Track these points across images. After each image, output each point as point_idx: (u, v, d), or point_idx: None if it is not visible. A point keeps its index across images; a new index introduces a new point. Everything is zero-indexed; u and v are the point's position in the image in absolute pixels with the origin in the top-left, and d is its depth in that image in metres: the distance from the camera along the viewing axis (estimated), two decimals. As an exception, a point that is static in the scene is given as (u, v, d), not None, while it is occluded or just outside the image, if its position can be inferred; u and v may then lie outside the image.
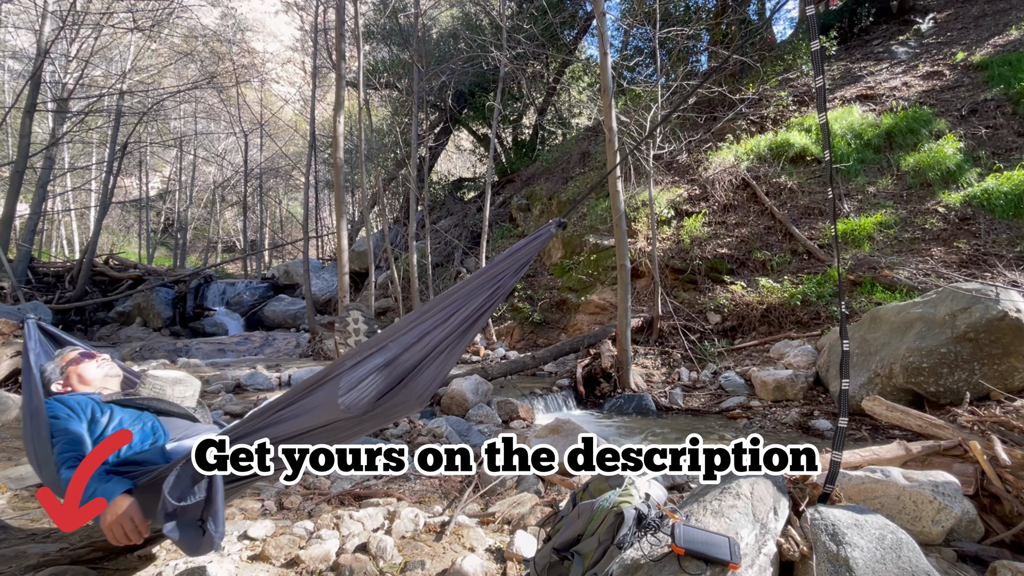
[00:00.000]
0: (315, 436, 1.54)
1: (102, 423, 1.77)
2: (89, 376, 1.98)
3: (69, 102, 10.56)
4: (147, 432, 1.82)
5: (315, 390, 1.49)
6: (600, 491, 1.67)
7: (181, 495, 1.41)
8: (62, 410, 1.74)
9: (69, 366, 1.98)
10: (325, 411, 1.46)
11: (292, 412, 1.50)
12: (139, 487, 1.52)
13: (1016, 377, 3.64)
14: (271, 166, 20.77)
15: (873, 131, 8.14)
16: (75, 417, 1.74)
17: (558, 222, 1.71)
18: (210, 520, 1.42)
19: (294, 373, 6.76)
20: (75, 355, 2.02)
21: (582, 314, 8.11)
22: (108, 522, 1.42)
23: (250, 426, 1.51)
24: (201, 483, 1.42)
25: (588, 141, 12.58)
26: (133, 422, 1.83)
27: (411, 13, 10.47)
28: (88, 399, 1.84)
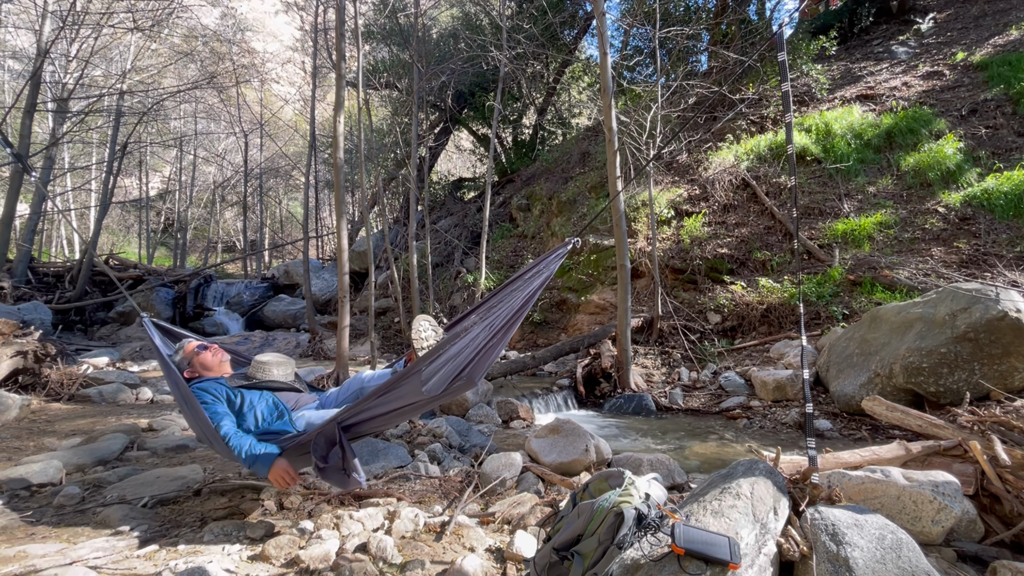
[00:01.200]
0: (400, 413, 2.13)
1: (236, 403, 2.33)
2: (209, 363, 2.52)
3: (69, 102, 10.54)
4: (271, 407, 2.39)
5: (404, 382, 2.00)
6: (600, 491, 1.67)
7: (323, 456, 2.03)
8: (208, 396, 2.28)
9: (193, 356, 2.51)
10: (411, 395, 2.00)
11: (388, 398, 2.03)
12: (285, 451, 2.13)
13: (1016, 377, 3.64)
14: (271, 166, 20.74)
15: (873, 131, 8.14)
16: (218, 400, 2.28)
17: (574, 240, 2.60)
18: (352, 470, 2.01)
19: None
20: (194, 347, 2.55)
21: (582, 314, 8.11)
22: (275, 474, 2.05)
23: (360, 408, 2.07)
24: (335, 449, 2.02)
25: (588, 141, 12.58)
26: (258, 400, 2.38)
27: (411, 13, 10.46)
28: (220, 385, 2.37)
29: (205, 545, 2.13)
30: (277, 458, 2.07)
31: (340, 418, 2.06)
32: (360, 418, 2.09)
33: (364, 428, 2.19)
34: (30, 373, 4.94)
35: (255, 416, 2.32)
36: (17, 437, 3.75)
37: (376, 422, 2.16)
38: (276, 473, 2.04)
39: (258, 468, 2.06)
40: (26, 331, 4.98)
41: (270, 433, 2.27)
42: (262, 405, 2.37)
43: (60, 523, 2.38)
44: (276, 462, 2.06)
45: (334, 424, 2.04)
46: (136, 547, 2.11)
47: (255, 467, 2.06)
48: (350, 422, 2.09)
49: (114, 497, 2.67)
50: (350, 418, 2.08)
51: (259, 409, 2.35)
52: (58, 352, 5.47)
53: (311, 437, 2.07)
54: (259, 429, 2.28)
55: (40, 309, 8.20)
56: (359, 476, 2.02)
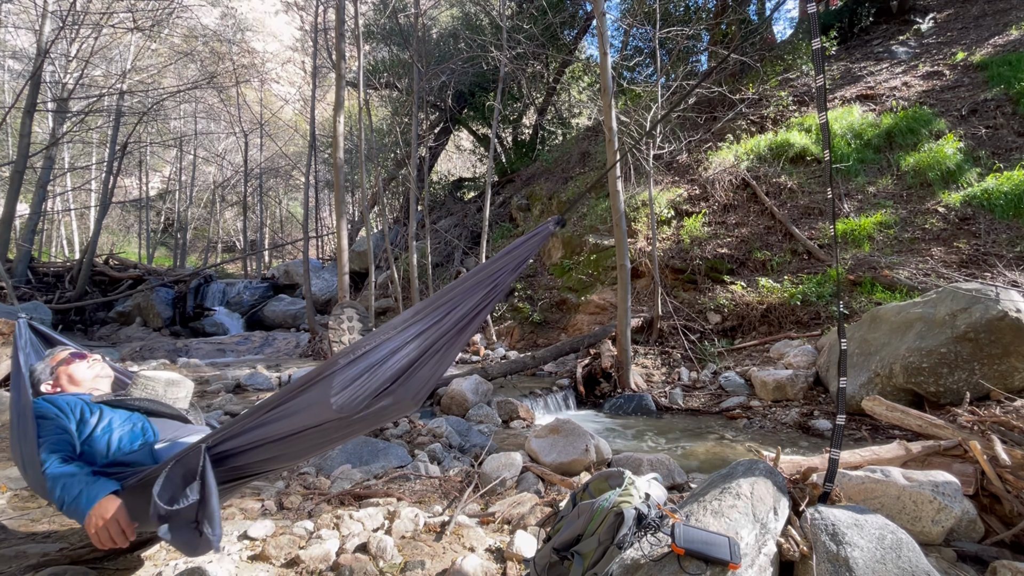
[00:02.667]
0: (306, 437, 1.48)
1: (91, 423, 1.75)
2: (79, 376, 1.96)
3: (69, 102, 10.55)
4: (136, 433, 1.80)
5: (307, 389, 1.44)
6: (600, 491, 1.67)
7: (172, 498, 1.37)
8: (51, 410, 1.72)
9: (59, 366, 1.96)
10: (317, 411, 1.42)
11: (283, 412, 1.45)
12: (127, 488, 1.51)
13: (1016, 377, 3.63)
14: (271, 166, 20.75)
15: (873, 131, 8.14)
16: (63, 417, 1.72)
17: (557, 220, 1.68)
18: (205, 522, 1.37)
19: (294, 373, 6.76)
20: (66, 355, 2.00)
21: (582, 314, 8.11)
22: (93, 524, 1.40)
23: (241, 426, 1.47)
24: (193, 485, 1.38)
25: (588, 141, 12.58)
26: (123, 423, 1.81)
27: (411, 13, 10.47)
28: (77, 399, 1.82)
29: (205, 545, 2.12)
30: (106, 498, 1.44)
31: (213, 440, 1.44)
32: (243, 442, 1.46)
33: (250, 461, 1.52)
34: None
35: (108, 441, 1.72)
36: (17, 437, 3.74)
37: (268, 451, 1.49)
38: (96, 519, 1.40)
39: (73, 509, 1.44)
40: (26, 331, 4.97)
41: (119, 464, 1.67)
42: (125, 429, 1.78)
43: (60, 523, 2.38)
44: (103, 502, 1.43)
45: (201, 449, 1.41)
46: (136, 547, 2.11)
47: (71, 508, 1.45)
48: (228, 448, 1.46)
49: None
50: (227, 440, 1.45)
51: (118, 433, 1.75)
52: (58, 352, 5.46)
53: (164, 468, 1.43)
54: (108, 459, 1.68)
55: (40, 309, 8.21)
56: (212, 534, 1.38)
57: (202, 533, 1.38)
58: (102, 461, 1.68)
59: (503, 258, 1.63)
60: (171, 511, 1.36)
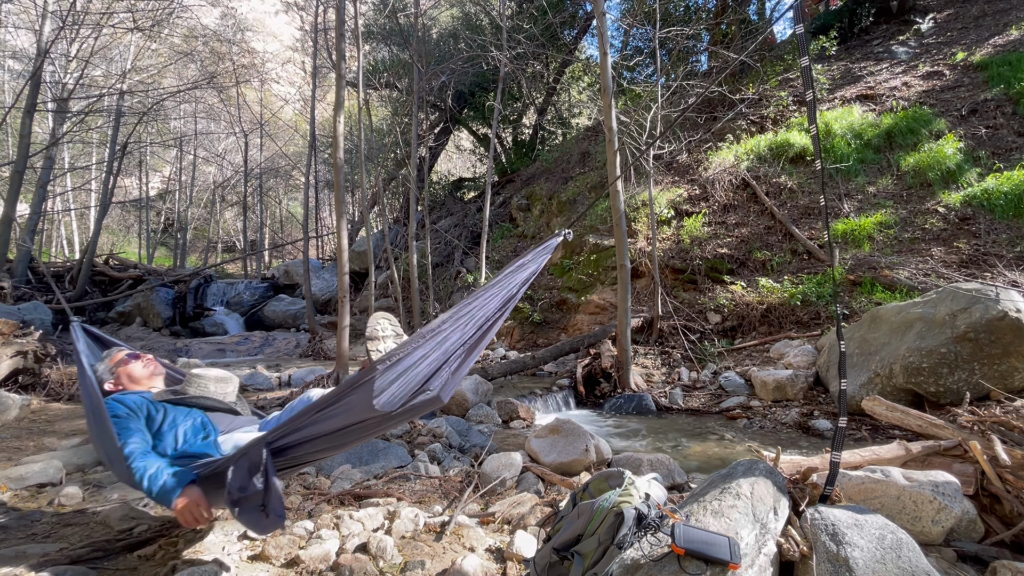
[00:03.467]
0: (350, 432, 1.72)
1: (157, 420, 1.99)
2: (137, 375, 2.20)
3: (69, 102, 10.54)
4: (198, 427, 2.05)
5: (351, 393, 1.63)
6: (600, 491, 1.67)
7: (241, 486, 1.62)
8: (121, 409, 1.95)
9: (119, 367, 2.19)
10: (360, 411, 1.62)
11: (331, 412, 1.65)
12: (201, 478, 1.75)
13: (1016, 377, 3.64)
14: (271, 166, 20.74)
15: (873, 131, 8.14)
16: (134, 416, 1.95)
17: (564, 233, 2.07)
18: (271, 505, 1.62)
19: (294, 373, 6.77)
20: (123, 356, 2.23)
21: (582, 314, 8.11)
22: (181, 508, 1.66)
23: (295, 425, 1.67)
24: (258, 476, 1.62)
25: (588, 141, 12.58)
26: (185, 419, 2.04)
27: (411, 13, 10.47)
28: (142, 399, 2.05)
29: (205, 545, 2.13)
30: (188, 486, 1.70)
31: (271, 437, 1.67)
32: (297, 438, 1.69)
33: (303, 452, 1.76)
34: (30, 373, 4.95)
35: (175, 436, 1.97)
36: (17, 437, 3.75)
37: (318, 444, 1.73)
38: (184, 505, 1.66)
39: (162, 498, 1.69)
40: (26, 331, 4.98)
41: (188, 456, 1.91)
42: (187, 424, 2.02)
43: (60, 523, 2.38)
44: (186, 490, 1.69)
45: (262, 444, 1.65)
46: (136, 547, 2.11)
47: (159, 496, 1.69)
48: (284, 443, 1.69)
49: (114, 497, 2.67)
50: (284, 438, 1.68)
51: (182, 428, 1.99)
52: (58, 352, 5.48)
53: (232, 460, 1.68)
54: (177, 451, 1.92)
55: (40, 309, 8.19)
56: (278, 515, 1.63)
57: (268, 514, 1.63)
58: (172, 454, 1.91)
59: (516, 271, 1.92)
60: (241, 496, 1.61)
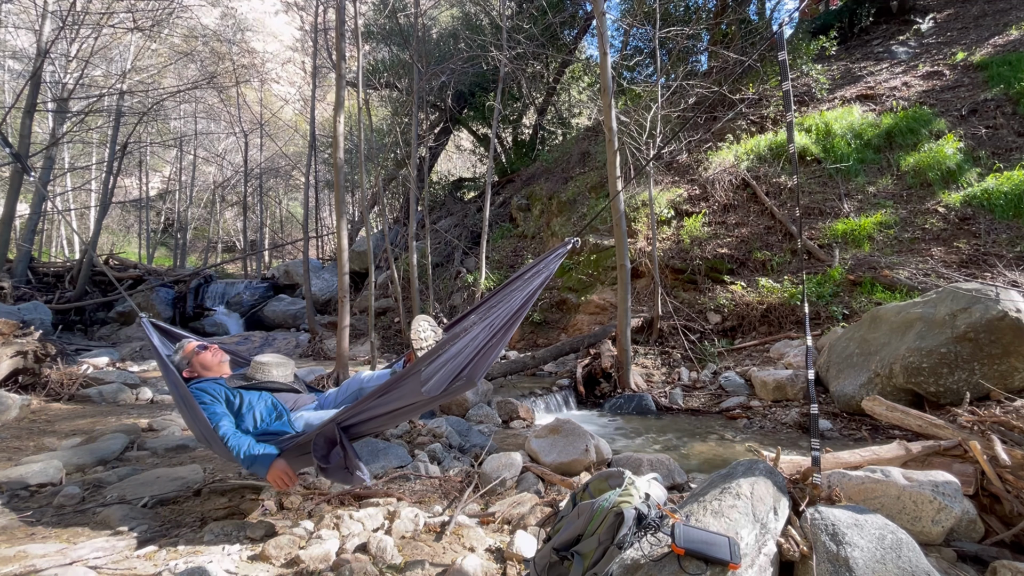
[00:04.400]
0: (400, 413, 2.13)
1: (235, 404, 2.32)
2: (209, 363, 2.51)
3: (69, 102, 10.54)
4: (270, 407, 2.38)
5: (403, 383, 2.01)
6: (600, 491, 1.67)
7: (324, 456, 2.05)
8: (206, 396, 2.28)
9: (192, 356, 2.51)
10: (410, 396, 2.01)
11: (387, 399, 2.04)
12: (283, 451, 2.13)
13: (1016, 377, 3.64)
14: (271, 166, 20.73)
15: (873, 131, 8.14)
16: (216, 401, 2.27)
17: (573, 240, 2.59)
18: (355, 468, 2.02)
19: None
20: (194, 347, 2.55)
21: (582, 314, 8.11)
22: (273, 475, 2.04)
23: (359, 408, 2.09)
24: (335, 450, 2.04)
25: (588, 141, 12.58)
26: (258, 401, 2.38)
27: (411, 13, 10.46)
28: (219, 385, 2.37)
29: (205, 545, 2.13)
30: (276, 459, 2.07)
31: (339, 419, 2.07)
32: (359, 418, 2.10)
33: (363, 428, 2.19)
34: (30, 373, 4.95)
35: (254, 417, 2.31)
36: (17, 437, 3.75)
37: (376, 422, 2.16)
38: (275, 474, 2.04)
39: (257, 468, 2.05)
40: (26, 331, 4.98)
41: (269, 434, 2.27)
42: (261, 406, 2.36)
43: (60, 523, 2.38)
44: (275, 463, 2.06)
45: (333, 424, 2.05)
46: (136, 547, 2.11)
47: (254, 467, 2.05)
48: (349, 422, 2.10)
49: (114, 497, 2.67)
50: (349, 419, 2.09)
51: (258, 410, 2.34)
52: (58, 352, 5.48)
53: (310, 438, 2.08)
54: (258, 430, 2.28)
55: (40, 309, 8.20)
56: (363, 474, 2.04)
57: (353, 473, 2.03)
58: (254, 432, 2.25)
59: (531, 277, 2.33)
60: (329, 465, 2.05)
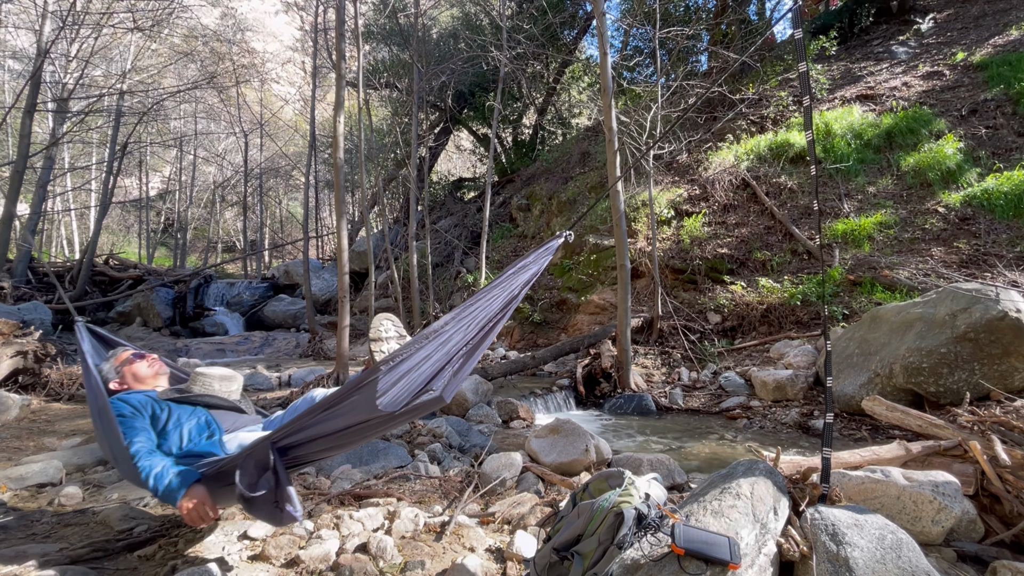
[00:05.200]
0: (354, 432, 1.70)
1: (162, 419, 1.99)
2: (142, 374, 2.22)
3: (69, 102, 10.54)
4: (202, 426, 2.05)
5: (355, 393, 1.62)
6: (600, 491, 1.67)
7: (251, 484, 1.62)
8: (127, 408, 1.96)
9: (124, 366, 2.21)
10: (363, 411, 1.61)
11: (335, 412, 1.64)
12: (206, 476, 1.75)
13: (1016, 377, 3.63)
14: (271, 166, 20.74)
15: (873, 131, 8.14)
16: (139, 415, 1.95)
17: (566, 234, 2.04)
18: (286, 503, 1.63)
19: (294, 373, 6.76)
20: (128, 355, 2.25)
21: (582, 314, 8.11)
22: (186, 507, 1.66)
23: (299, 425, 1.67)
24: (267, 475, 1.64)
25: (588, 141, 12.58)
26: (190, 417, 2.04)
27: (411, 13, 10.47)
28: (147, 397, 2.05)
29: (205, 545, 2.13)
30: (193, 485, 1.70)
31: (276, 437, 1.68)
32: (301, 438, 1.69)
33: (307, 452, 1.77)
34: (30, 373, 4.95)
35: (181, 435, 1.97)
36: (17, 437, 3.75)
37: (321, 444, 1.74)
38: (189, 504, 1.66)
39: (167, 496, 1.68)
40: (26, 331, 4.98)
41: (193, 455, 1.91)
42: (192, 423, 2.02)
43: (60, 523, 2.38)
44: (191, 489, 1.69)
45: (267, 444, 1.66)
46: (136, 547, 2.11)
47: (165, 495, 1.69)
48: (288, 443, 1.70)
49: (114, 497, 2.67)
50: (288, 437, 1.69)
51: (187, 427, 2.00)
52: (58, 352, 5.48)
53: (238, 460, 1.69)
54: (183, 450, 1.93)
55: (40, 309, 8.19)
56: (294, 510, 1.64)
57: (283, 509, 1.64)
58: (177, 452, 1.91)
59: (518, 272, 1.90)
60: (253, 496, 1.61)
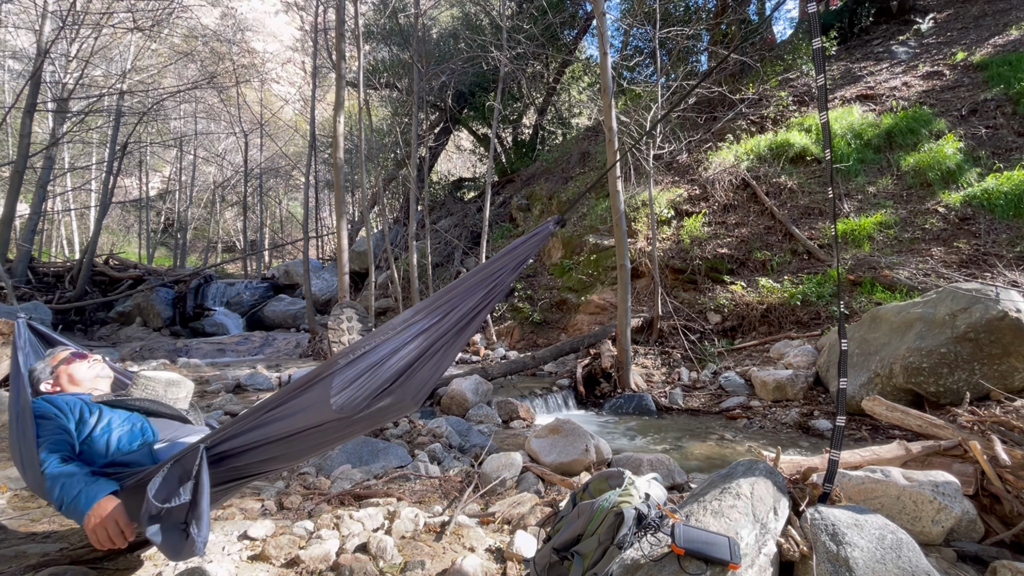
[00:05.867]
0: (306, 438, 1.48)
1: (90, 423, 1.75)
2: (79, 376, 1.97)
3: (69, 102, 10.55)
4: (136, 433, 1.81)
5: (307, 390, 1.44)
6: (600, 491, 1.67)
7: (166, 497, 1.37)
8: (50, 410, 1.73)
9: (59, 366, 1.96)
10: (317, 412, 1.42)
11: (283, 412, 1.45)
12: (126, 488, 1.51)
13: (1016, 377, 3.63)
14: (271, 166, 20.76)
15: (873, 131, 8.14)
16: (63, 416, 1.72)
17: (557, 219, 1.68)
18: (193, 524, 1.36)
19: (294, 373, 6.76)
20: (66, 355, 2.00)
21: (582, 314, 8.11)
22: (92, 524, 1.40)
23: (240, 427, 1.46)
24: (187, 484, 1.38)
25: (588, 141, 12.58)
26: (122, 423, 1.81)
27: (411, 13, 10.47)
28: (77, 399, 1.83)
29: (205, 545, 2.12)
30: (104, 498, 1.45)
31: (211, 441, 1.45)
32: (241, 443, 1.46)
33: (248, 462, 1.52)
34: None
35: (108, 441, 1.73)
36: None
37: (266, 451, 1.50)
38: (96, 520, 1.41)
39: (71, 510, 1.45)
40: (26, 331, 4.97)
41: (117, 465, 1.68)
42: (124, 429, 1.79)
43: (60, 523, 2.38)
44: (101, 503, 1.43)
45: (198, 449, 1.41)
46: (136, 547, 2.11)
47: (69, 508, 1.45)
48: (226, 448, 1.46)
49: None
50: (226, 442, 1.46)
51: (117, 433, 1.76)
52: (58, 352, 5.46)
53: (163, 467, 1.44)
54: (106, 459, 1.69)
55: (40, 309, 8.20)
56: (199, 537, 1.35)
57: (188, 535, 1.36)
58: (101, 461, 1.68)
59: (503, 258, 1.63)
60: (163, 509, 1.36)
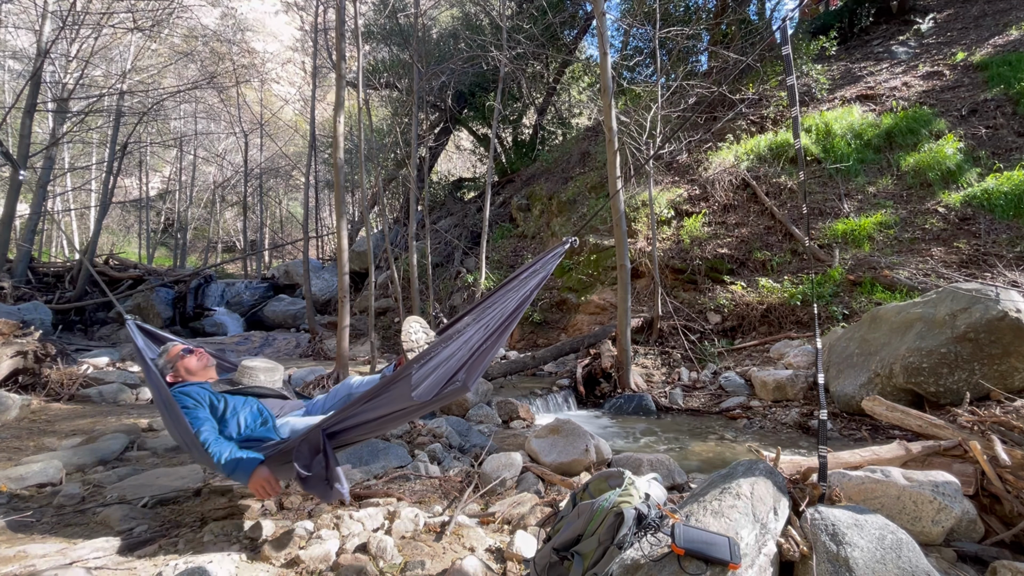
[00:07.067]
0: (389, 419, 2.04)
1: (219, 409, 2.26)
2: (193, 368, 2.46)
3: (69, 102, 10.54)
4: (255, 414, 2.33)
5: (392, 387, 1.91)
6: (600, 491, 1.67)
7: (306, 464, 1.92)
8: (189, 400, 2.21)
9: (176, 361, 2.45)
10: (399, 401, 1.91)
11: (374, 404, 1.95)
12: (267, 458, 2.04)
13: (1016, 377, 3.63)
14: (271, 166, 20.74)
15: (873, 131, 8.14)
16: (200, 405, 2.20)
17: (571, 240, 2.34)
18: (334, 480, 1.90)
19: (294, 373, 6.75)
20: (179, 351, 2.49)
21: (582, 314, 8.11)
22: (254, 483, 1.94)
23: (345, 415, 1.97)
24: (318, 457, 1.93)
25: (588, 141, 12.58)
26: (243, 406, 2.32)
27: (411, 13, 10.47)
28: (203, 389, 2.31)
29: (205, 545, 2.13)
30: (259, 466, 1.98)
31: (325, 424, 1.97)
32: (346, 424, 2.00)
33: (351, 435, 2.08)
34: (30, 373, 4.94)
35: (238, 422, 2.25)
36: (17, 437, 3.74)
37: (363, 429, 2.06)
38: (257, 482, 1.94)
39: (238, 476, 1.96)
40: (26, 331, 4.98)
41: (252, 440, 2.20)
42: (246, 411, 2.30)
43: (60, 523, 2.38)
44: (257, 470, 1.96)
45: (319, 431, 1.96)
46: (136, 547, 2.11)
47: (235, 475, 1.96)
48: (336, 429, 2.00)
49: (114, 497, 2.67)
50: (335, 425, 1.99)
51: (242, 415, 2.28)
52: (58, 352, 5.47)
53: (294, 444, 1.99)
54: (241, 436, 2.21)
55: (40, 309, 8.20)
56: (342, 487, 1.90)
57: (332, 486, 1.90)
58: (237, 438, 2.19)
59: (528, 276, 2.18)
60: (307, 475, 1.91)
